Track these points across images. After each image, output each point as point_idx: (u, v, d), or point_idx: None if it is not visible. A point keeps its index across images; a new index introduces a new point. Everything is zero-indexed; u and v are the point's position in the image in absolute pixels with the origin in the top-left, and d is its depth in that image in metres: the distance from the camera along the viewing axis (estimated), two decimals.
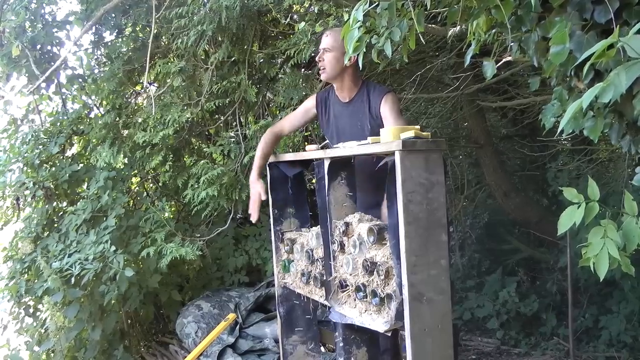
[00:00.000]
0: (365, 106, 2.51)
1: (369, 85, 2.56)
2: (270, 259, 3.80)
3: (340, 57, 2.45)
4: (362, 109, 2.51)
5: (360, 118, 2.51)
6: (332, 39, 2.48)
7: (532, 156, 5.51)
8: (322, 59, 2.51)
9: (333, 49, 2.47)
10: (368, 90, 2.53)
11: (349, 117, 2.56)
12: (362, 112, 2.51)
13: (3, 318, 4.32)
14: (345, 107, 2.58)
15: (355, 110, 2.54)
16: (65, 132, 4.31)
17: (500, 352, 4.49)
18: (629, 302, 4.30)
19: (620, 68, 1.22)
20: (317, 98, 2.71)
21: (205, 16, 3.56)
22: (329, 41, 2.48)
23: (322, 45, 2.51)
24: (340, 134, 2.59)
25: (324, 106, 2.67)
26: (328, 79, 2.56)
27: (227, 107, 4.01)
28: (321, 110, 2.69)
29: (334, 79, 2.54)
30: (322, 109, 2.68)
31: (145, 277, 3.88)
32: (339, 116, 2.60)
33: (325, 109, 2.67)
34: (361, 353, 2.33)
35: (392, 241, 1.84)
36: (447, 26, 2.90)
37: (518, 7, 1.65)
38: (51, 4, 4.38)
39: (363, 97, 2.53)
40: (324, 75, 2.55)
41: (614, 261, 1.51)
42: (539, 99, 3.89)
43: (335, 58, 2.48)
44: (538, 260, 5.45)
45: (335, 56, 2.47)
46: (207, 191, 3.68)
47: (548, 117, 1.82)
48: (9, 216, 4.48)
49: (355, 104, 2.55)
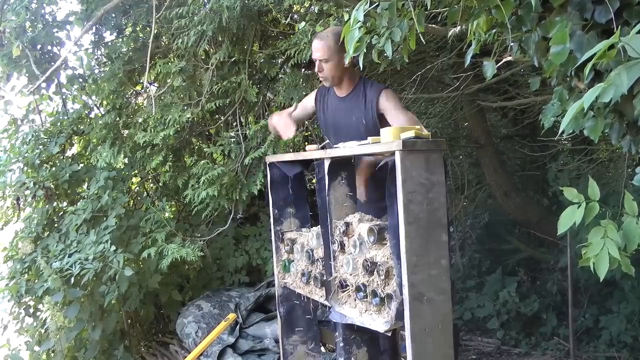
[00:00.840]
0: (361, 101, 2.52)
1: (365, 82, 2.57)
2: (271, 259, 3.81)
3: (339, 62, 2.45)
4: (358, 104, 2.52)
5: (356, 113, 2.52)
6: (324, 47, 2.45)
7: (533, 156, 5.51)
8: (322, 70, 2.50)
9: (330, 58, 2.45)
10: (364, 86, 2.54)
11: (344, 112, 2.57)
12: (357, 107, 2.52)
13: (3, 318, 4.32)
14: (342, 102, 2.59)
15: (351, 105, 2.55)
16: (66, 132, 4.31)
17: (500, 352, 4.49)
18: (629, 302, 4.30)
19: (621, 68, 1.22)
20: (317, 94, 2.73)
21: (206, 16, 3.56)
22: (323, 51, 2.46)
23: (317, 55, 2.49)
24: (336, 129, 2.61)
25: (322, 102, 2.69)
26: (332, 85, 2.58)
27: (227, 107, 4.02)
28: (319, 105, 2.70)
29: (338, 82, 2.56)
30: (320, 104, 2.70)
31: (145, 277, 3.88)
32: (335, 110, 2.62)
33: (323, 104, 2.68)
34: (361, 353, 2.33)
35: (393, 241, 1.83)
36: (448, 26, 2.90)
37: (518, 7, 1.65)
38: (51, 4, 4.37)
39: (359, 92, 2.54)
40: (327, 83, 2.57)
41: (614, 261, 1.51)
42: (539, 99, 3.89)
43: (334, 66, 2.48)
44: (538, 260, 5.45)
45: (334, 64, 2.47)
46: (207, 191, 3.69)
47: (548, 117, 1.82)
48: (10, 216, 4.48)
49: (351, 99, 2.56)
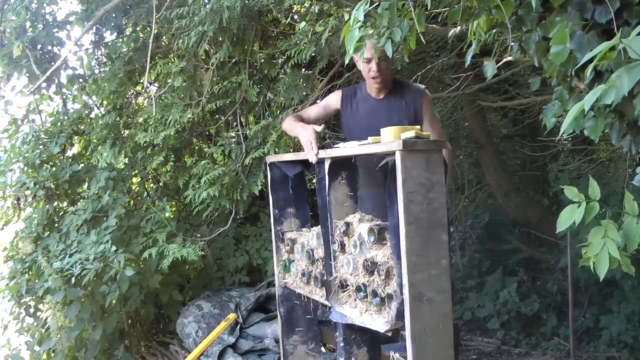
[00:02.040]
0: (401, 102, 2.53)
1: (400, 82, 2.61)
2: (271, 259, 3.81)
3: (390, 62, 2.51)
4: (397, 105, 2.53)
5: (396, 114, 2.52)
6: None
7: (533, 156, 5.51)
8: (381, 70, 2.45)
9: (387, 57, 2.36)
10: (401, 86, 2.57)
11: (385, 113, 2.54)
12: (397, 108, 2.53)
13: (4, 318, 4.32)
14: (380, 103, 2.57)
15: (390, 106, 2.54)
16: (66, 132, 4.31)
17: (500, 352, 4.49)
18: (629, 302, 4.30)
19: (622, 70, 1.22)
20: (343, 94, 2.69)
21: (206, 16, 3.56)
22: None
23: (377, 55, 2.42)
24: (371, 130, 2.50)
25: (350, 102, 2.64)
26: (385, 87, 2.55)
27: (227, 107, 4.02)
28: (346, 106, 2.65)
29: (389, 83, 2.56)
30: (348, 105, 2.65)
31: (146, 277, 3.88)
32: (371, 112, 2.58)
33: (352, 106, 2.64)
34: (361, 353, 2.33)
35: (393, 241, 1.84)
36: (448, 26, 2.91)
37: (519, 7, 1.65)
38: (52, 4, 4.38)
39: (397, 93, 2.55)
40: (382, 84, 2.52)
41: (614, 261, 1.51)
42: (539, 99, 3.90)
43: (390, 65, 2.52)
44: (539, 260, 5.45)
45: (389, 63, 2.51)
46: (208, 191, 3.68)
47: (549, 117, 1.82)
48: (10, 216, 4.48)
49: (389, 100, 2.55)
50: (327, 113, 2.75)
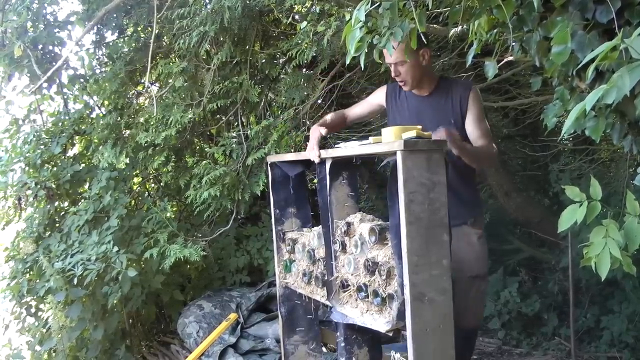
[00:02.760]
0: (447, 100, 2.48)
1: (447, 79, 2.58)
2: (272, 259, 3.80)
3: (415, 63, 2.41)
4: (443, 103, 2.49)
5: (443, 112, 2.48)
6: (398, 49, 2.30)
7: (534, 156, 5.50)
8: (399, 74, 2.44)
9: (405, 59, 2.37)
10: (447, 83, 2.53)
11: (432, 111, 2.51)
12: (444, 106, 2.49)
13: (5, 318, 4.33)
14: (425, 101, 2.54)
15: (436, 104, 2.50)
16: (67, 132, 4.31)
17: (501, 352, 4.49)
18: (630, 302, 4.29)
19: (624, 70, 1.22)
20: (387, 90, 2.66)
21: (207, 17, 3.56)
22: (397, 54, 2.36)
23: (391, 60, 2.41)
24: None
25: (395, 100, 2.62)
26: (412, 88, 2.52)
27: (229, 107, 4.02)
28: (391, 104, 2.62)
29: (418, 84, 2.51)
30: (393, 102, 2.62)
31: (147, 277, 3.88)
32: (417, 110, 2.55)
33: (397, 102, 2.61)
34: (362, 353, 2.33)
35: (394, 241, 1.83)
36: (449, 26, 2.91)
37: (520, 7, 1.65)
38: (53, 4, 4.38)
39: (443, 90, 2.50)
40: (407, 87, 2.50)
41: (616, 261, 1.51)
42: (540, 98, 3.89)
43: (411, 67, 2.42)
44: (540, 261, 5.44)
45: (410, 64, 2.41)
46: (209, 191, 3.69)
47: (550, 117, 1.82)
48: (11, 216, 4.48)
49: (434, 98, 2.52)
50: (371, 111, 2.74)
